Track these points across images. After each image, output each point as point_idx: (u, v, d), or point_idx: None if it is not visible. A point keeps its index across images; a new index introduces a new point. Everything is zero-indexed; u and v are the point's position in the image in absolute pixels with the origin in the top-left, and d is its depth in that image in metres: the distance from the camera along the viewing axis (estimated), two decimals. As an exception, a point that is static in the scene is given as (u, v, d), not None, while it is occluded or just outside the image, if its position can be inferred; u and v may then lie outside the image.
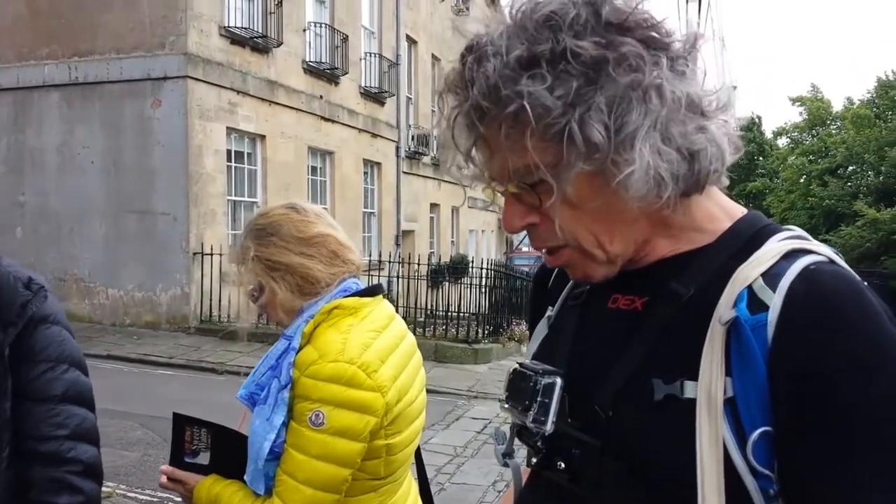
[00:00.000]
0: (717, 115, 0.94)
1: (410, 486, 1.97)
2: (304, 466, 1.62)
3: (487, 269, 14.95)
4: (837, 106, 40.71)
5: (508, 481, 5.55)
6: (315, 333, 1.70)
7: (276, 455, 1.66)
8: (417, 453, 2.01)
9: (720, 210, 1.01)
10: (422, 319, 13.14)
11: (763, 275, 0.88)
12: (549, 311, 1.17)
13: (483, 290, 14.50)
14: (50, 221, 12.89)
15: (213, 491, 1.75)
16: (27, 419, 1.32)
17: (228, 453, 1.78)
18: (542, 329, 1.16)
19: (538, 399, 0.98)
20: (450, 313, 14.08)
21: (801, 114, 41.04)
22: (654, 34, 0.90)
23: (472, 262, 16.28)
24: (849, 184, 36.44)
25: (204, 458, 1.80)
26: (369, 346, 1.70)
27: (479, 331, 13.36)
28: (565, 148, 0.88)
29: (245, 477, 1.70)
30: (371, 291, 1.84)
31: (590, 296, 1.09)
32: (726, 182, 1.00)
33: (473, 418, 8.60)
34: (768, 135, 45.53)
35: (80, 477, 1.35)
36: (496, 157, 0.95)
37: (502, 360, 12.85)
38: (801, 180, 38.77)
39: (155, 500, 5.41)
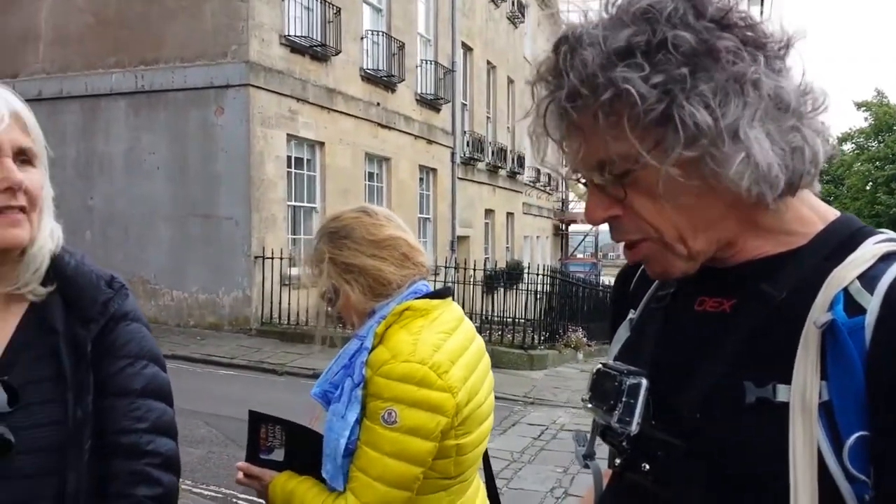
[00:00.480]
0: (812, 116, 0.93)
1: (479, 487, 1.99)
2: (376, 463, 1.66)
3: (543, 276, 14.88)
4: (905, 111, 39.42)
5: (567, 489, 5.52)
6: (387, 334, 1.74)
7: (350, 452, 1.70)
8: (485, 456, 2.03)
9: (812, 212, 0.99)
10: (477, 325, 13.09)
11: (859, 277, 0.87)
12: (632, 314, 1.15)
13: (539, 296, 14.43)
14: (117, 225, 13.29)
15: (287, 487, 1.79)
16: (109, 413, 1.35)
17: (302, 450, 1.82)
18: (623, 331, 1.15)
19: (623, 399, 0.98)
20: (505, 319, 14.05)
21: (866, 119, 39.83)
22: (751, 33, 0.91)
23: (528, 268, 16.21)
24: (917, 191, 35.28)
25: (278, 455, 1.84)
26: (440, 347, 1.72)
27: (535, 337, 13.29)
28: (667, 133, 0.88)
29: (324, 474, 1.73)
30: (441, 294, 1.87)
31: (675, 298, 1.08)
32: (818, 187, 0.99)
33: (530, 424, 8.59)
34: (832, 140, 44.09)
35: (159, 469, 1.36)
36: (586, 146, 0.95)
37: (558, 366, 12.76)
38: (867, 187, 37.64)
39: (219, 496, 5.53)
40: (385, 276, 1.80)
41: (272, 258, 12.34)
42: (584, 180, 1.00)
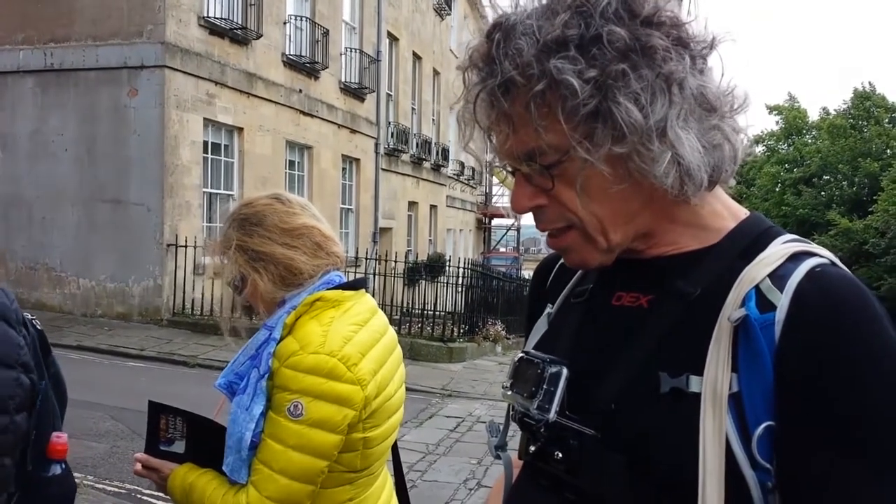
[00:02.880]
0: (732, 115, 0.97)
1: (386, 480, 1.96)
2: (280, 456, 1.62)
3: (464, 269, 14.94)
4: (814, 115, 41.15)
5: (480, 480, 5.59)
6: (297, 325, 1.70)
7: (254, 445, 1.66)
8: (394, 448, 2.00)
9: (725, 209, 1.03)
10: (397, 317, 13.11)
11: (770, 275, 0.90)
12: (549, 308, 1.17)
13: (459, 289, 14.50)
14: (21, 209, 12.69)
15: (187, 479, 1.73)
16: None
17: (203, 442, 1.77)
18: (542, 325, 1.17)
19: (544, 387, 0.99)
20: (426, 312, 14.07)
21: (777, 122, 41.39)
22: (678, 33, 0.92)
23: (449, 261, 16.25)
24: (822, 193, 36.86)
25: (179, 447, 1.79)
26: (350, 339, 1.69)
27: (455, 330, 13.37)
28: (597, 128, 0.89)
29: (224, 467, 1.68)
30: (354, 285, 1.83)
31: (593, 294, 1.10)
32: (733, 182, 1.02)
33: (447, 416, 8.61)
34: (750, 140, 45.50)
35: None
36: (516, 136, 0.95)
37: (477, 359, 12.87)
38: (776, 189, 39.16)
39: (123, 491, 5.34)
40: (296, 266, 1.75)
41: (185, 246, 11.98)
42: (509, 169, 1.01)
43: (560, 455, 0.98)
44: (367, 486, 1.82)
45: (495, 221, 38.54)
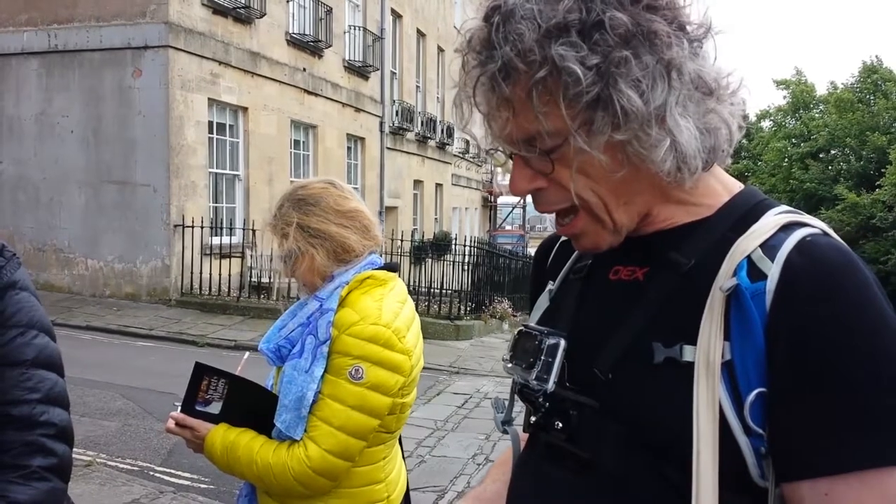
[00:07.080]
0: (729, 98, 0.97)
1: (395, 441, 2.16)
2: (340, 415, 1.82)
3: (470, 247, 14.95)
4: (821, 90, 40.80)
5: (488, 455, 5.63)
6: (350, 299, 1.89)
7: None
8: None
9: (719, 184, 1.04)
10: (404, 295, 13.12)
11: (761, 246, 0.92)
12: (551, 286, 1.19)
13: (466, 267, 14.52)
14: (28, 191, 12.72)
15: (228, 438, 1.87)
16: None
17: (240, 404, 1.89)
18: (543, 301, 1.19)
19: (542, 358, 1.02)
20: (432, 290, 14.10)
21: (784, 97, 41.04)
22: (678, 16, 0.92)
23: (456, 239, 16.26)
24: (830, 168, 36.63)
25: (215, 408, 1.89)
26: (398, 314, 1.92)
27: (462, 308, 13.40)
28: (598, 115, 0.89)
29: (279, 424, 1.84)
30: (392, 268, 2.04)
31: (591, 269, 1.12)
32: (729, 161, 1.03)
33: (454, 393, 8.68)
34: (752, 118, 45.32)
35: (53, 440, 1.37)
36: (515, 121, 0.95)
37: (484, 336, 12.91)
38: (784, 163, 38.92)
39: (135, 469, 5.34)
40: (349, 244, 1.95)
41: (192, 227, 12.01)
42: (506, 152, 1.01)
43: (560, 425, 1.01)
44: (393, 446, 2.04)
45: (501, 199, 38.47)
